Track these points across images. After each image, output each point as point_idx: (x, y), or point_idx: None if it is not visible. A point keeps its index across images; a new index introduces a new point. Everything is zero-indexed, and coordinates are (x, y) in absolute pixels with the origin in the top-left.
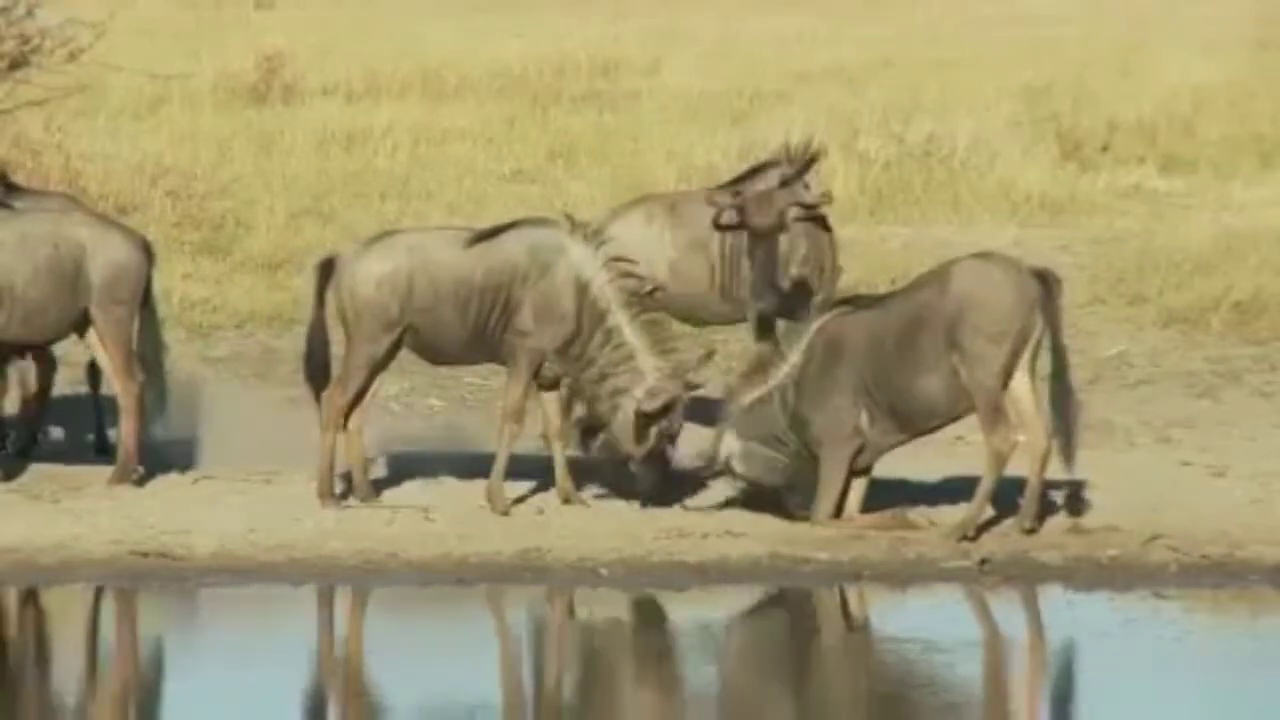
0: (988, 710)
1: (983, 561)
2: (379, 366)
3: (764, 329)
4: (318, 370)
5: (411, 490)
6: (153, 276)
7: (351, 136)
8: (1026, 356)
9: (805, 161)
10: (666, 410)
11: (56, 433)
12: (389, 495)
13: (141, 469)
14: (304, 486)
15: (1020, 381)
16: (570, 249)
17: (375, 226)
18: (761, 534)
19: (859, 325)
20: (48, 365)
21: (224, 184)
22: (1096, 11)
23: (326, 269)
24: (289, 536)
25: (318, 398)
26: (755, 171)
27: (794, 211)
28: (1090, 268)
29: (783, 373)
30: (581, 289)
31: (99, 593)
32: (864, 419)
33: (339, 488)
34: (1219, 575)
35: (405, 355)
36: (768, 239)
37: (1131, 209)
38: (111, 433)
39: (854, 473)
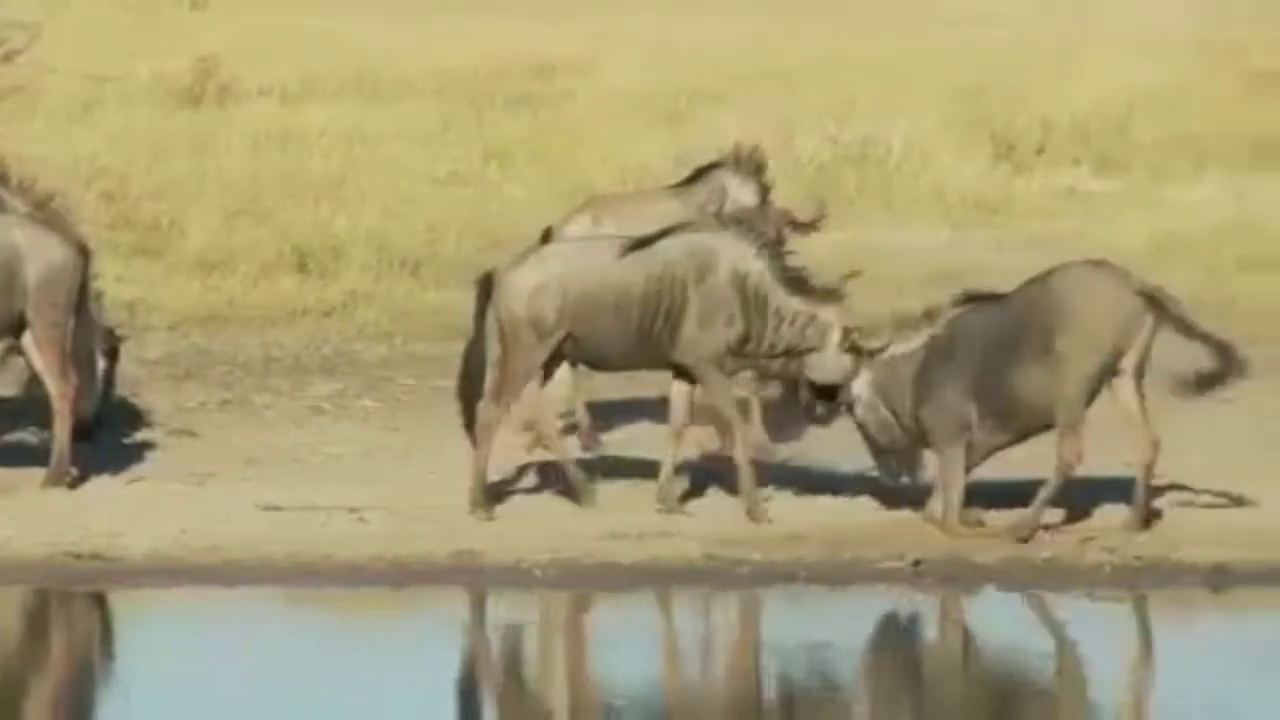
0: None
1: (916, 563)
2: (533, 376)
3: None
4: (470, 386)
5: (344, 491)
6: (88, 278)
7: (286, 138)
8: (1132, 363)
9: (754, 169)
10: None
11: None
12: (322, 496)
13: (75, 471)
14: (237, 488)
15: (1125, 388)
16: (726, 247)
17: (310, 229)
18: (697, 535)
19: (976, 323)
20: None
21: (158, 186)
22: (1033, 12)
23: (486, 284)
24: (222, 538)
25: (467, 412)
26: (703, 173)
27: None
28: (1025, 269)
29: (914, 345)
30: (741, 284)
31: (34, 595)
32: (973, 418)
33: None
34: (1153, 577)
35: (336, 355)
36: None
37: (1066, 210)
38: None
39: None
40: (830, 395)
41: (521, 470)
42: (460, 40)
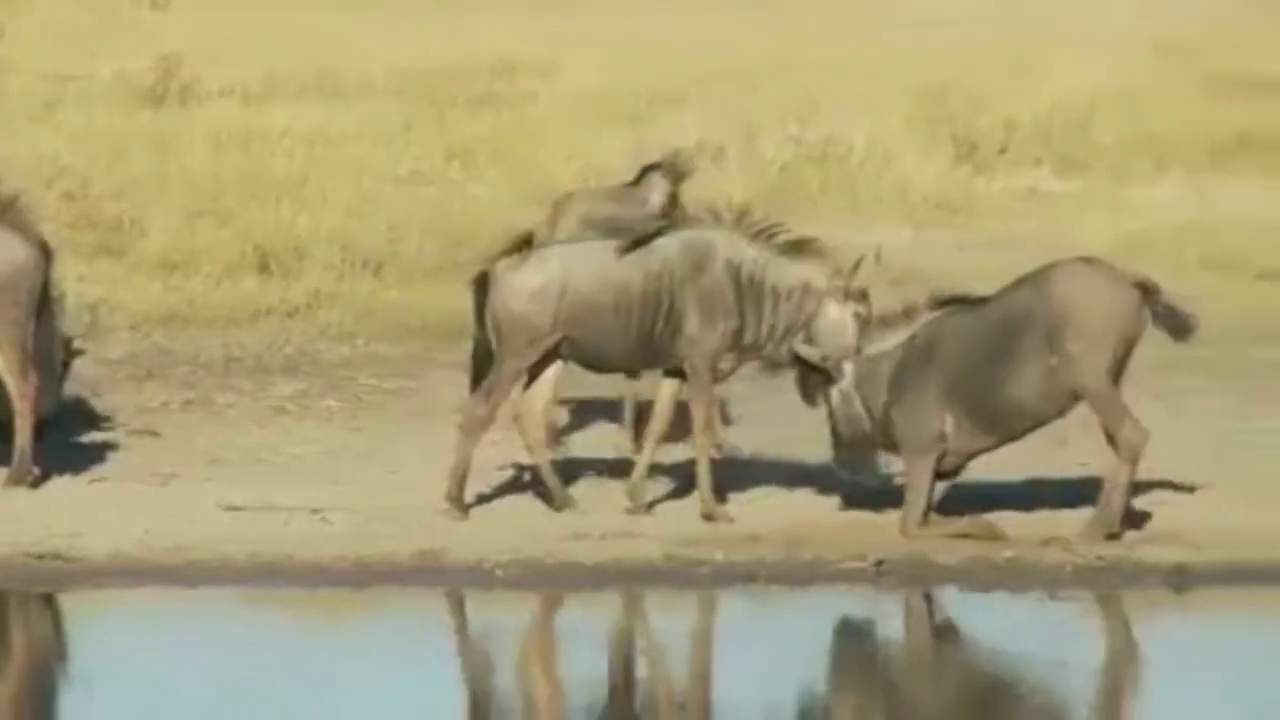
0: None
1: (879, 563)
2: (522, 378)
3: None
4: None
5: (307, 491)
6: (50, 277)
7: (248, 137)
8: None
9: (675, 178)
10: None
11: None
12: (284, 496)
13: (37, 470)
14: (199, 488)
15: None
16: (720, 239)
17: (272, 229)
18: (659, 535)
19: (958, 326)
20: None
21: (120, 185)
22: (995, 13)
23: (481, 283)
24: (184, 539)
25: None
26: (645, 172)
27: None
28: (987, 269)
29: (891, 344)
30: (735, 273)
31: None
32: (949, 424)
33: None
34: (1114, 577)
35: (299, 355)
36: None
37: (1028, 211)
38: None
39: (940, 476)
40: (820, 370)
41: (488, 470)
42: (422, 40)
